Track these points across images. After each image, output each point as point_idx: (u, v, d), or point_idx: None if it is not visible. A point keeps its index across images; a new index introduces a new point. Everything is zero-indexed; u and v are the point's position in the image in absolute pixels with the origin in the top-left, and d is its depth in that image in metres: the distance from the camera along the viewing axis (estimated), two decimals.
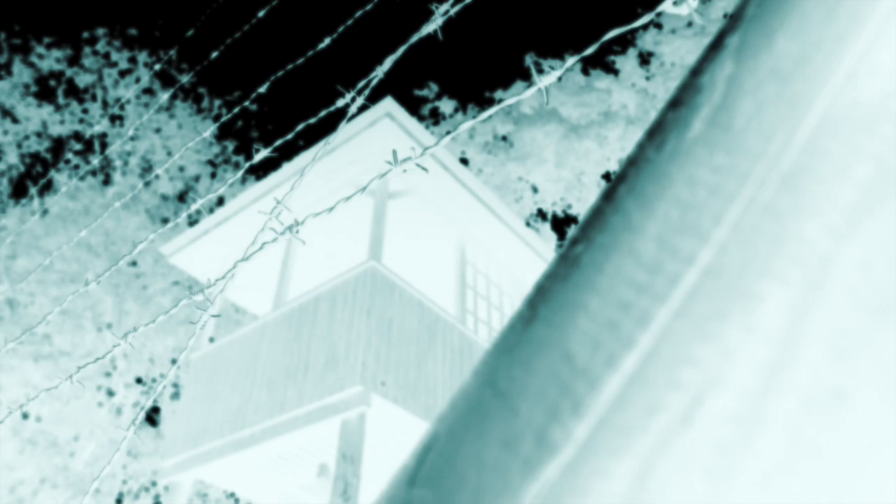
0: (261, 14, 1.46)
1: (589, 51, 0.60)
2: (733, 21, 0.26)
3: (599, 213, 0.24)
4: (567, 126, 19.76)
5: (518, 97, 0.63)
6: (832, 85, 0.20)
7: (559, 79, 0.60)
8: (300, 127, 0.93)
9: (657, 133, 0.25)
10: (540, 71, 21.69)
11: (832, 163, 0.19)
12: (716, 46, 0.26)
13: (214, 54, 1.51)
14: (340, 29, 1.15)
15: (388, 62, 0.84)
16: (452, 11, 0.77)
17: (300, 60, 1.21)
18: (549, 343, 0.22)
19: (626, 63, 21.09)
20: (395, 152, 0.75)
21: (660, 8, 0.54)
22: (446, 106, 22.58)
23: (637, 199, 0.23)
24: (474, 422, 0.22)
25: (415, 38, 0.78)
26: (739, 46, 0.24)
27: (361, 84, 0.84)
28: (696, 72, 0.26)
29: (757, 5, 0.25)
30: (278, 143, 0.96)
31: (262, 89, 1.20)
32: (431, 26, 0.78)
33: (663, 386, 0.19)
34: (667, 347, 0.19)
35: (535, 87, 0.59)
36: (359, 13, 1.11)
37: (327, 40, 1.13)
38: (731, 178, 0.20)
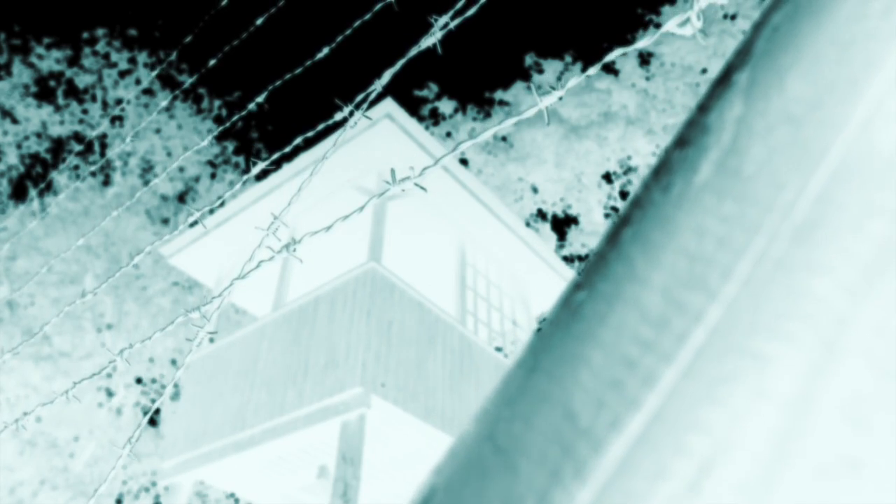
0: (259, 21, 1.44)
1: (591, 71, 0.59)
2: (741, 56, 0.25)
3: (603, 258, 0.23)
4: (567, 126, 19.76)
5: (518, 118, 0.62)
6: (847, 133, 0.20)
7: (560, 99, 0.60)
8: (298, 140, 0.93)
9: (663, 174, 0.24)
10: (540, 72, 21.67)
11: (847, 216, 0.18)
12: (723, 82, 0.25)
13: (213, 62, 1.50)
14: (339, 38, 1.14)
15: (387, 76, 0.83)
16: (452, 25, 0.76)
17: (298, 70, 1.20)
18: (550, 398, 0.21)
19: (626, 63, 21.08)
20: (393, 171, 0.74)
21: (664, 29, 0.53)
22: (446, 106, 22.57)
23: (642, 247, 0.22)
24: (473, 479, 0.21)
25: (413, 52, 0.77)
26: (749, 85, 0.23)
27: (360, 98, 0.83)
28: (703, 109, 0.25)
29: (766, 40, 0.24)
30: (276, 156, 0.95)
31: (261, 98, 1.18)
32: (431, 40, 0.77)
33: (670, 451, 0.18)
34: (674, 410, 0.18)
35: (537, 108, 0.58)
36: (357, 23, 1.10)
37: (325, 50, 1.12)
38: (740, 230, 0.20)
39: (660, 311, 0.20)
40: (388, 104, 6.03)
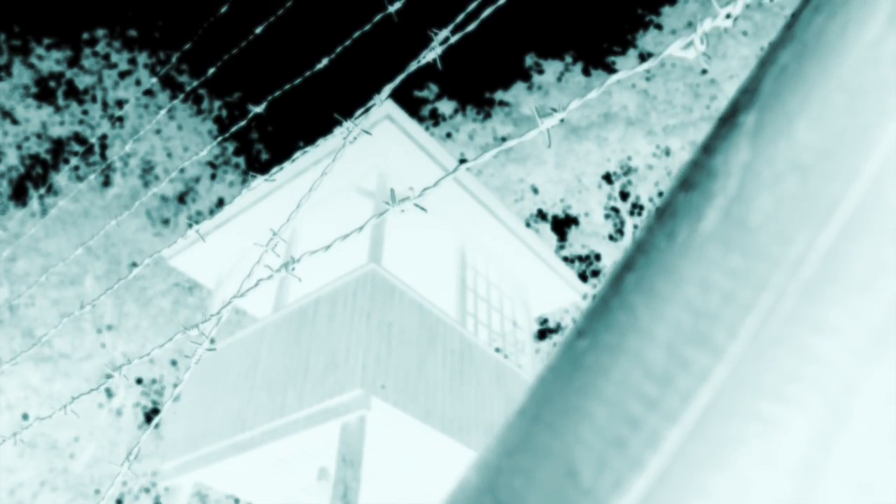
0: (258, 30, 1.44)
1: (592, 94, 0.59)
2: (748, 96, 0.25)
3: (606, 305, 0.23)
4: (567, 127, 19.75)
5: (520, 139, 0.62)
6: (857, 185, 0.19)
7: (562, 121, 0.59)
8: (297, 155, 0.92)
9: (668, 218, 0.23)
10: (540, 72, 21.66)
11: (857, 275, 0.18)
12: (729, 122, 0.25)
13: (212, 70, 1.50)
14: (338, 49, 1.14)
15: (386, 91, 0.82)
16: (453, 39, 0.75)
17: (297, 81, 1.20)
18: (551, 453, 0.20)
19: (626, 63, 21.08)
20: (392, 191, 0.74)
21: (667, 52, 0.52)
22: (446, 107, 22.57)
23: (646, 297, 0.21)
24: None
25: (413, 67, 0.77)
26: (756, 129, 0.23)
27: (359, 112, 0.83)
28: (708, 150, 0.24)
29: (773, 80, 0.24)
30: (274, 170, 0.95)
31: (260, 109, 1.18)
32: (431, 54, 0.77)
33: None
34: (678, 473, 0.18)
35: (538, 130, 0.57)
36: (357, 33, 1.10)
37: (325, 61, 1.12)
38: (747, 285, 0.19)
39: (664, 367, 0.19)
40: (388, 105, 6.03)
